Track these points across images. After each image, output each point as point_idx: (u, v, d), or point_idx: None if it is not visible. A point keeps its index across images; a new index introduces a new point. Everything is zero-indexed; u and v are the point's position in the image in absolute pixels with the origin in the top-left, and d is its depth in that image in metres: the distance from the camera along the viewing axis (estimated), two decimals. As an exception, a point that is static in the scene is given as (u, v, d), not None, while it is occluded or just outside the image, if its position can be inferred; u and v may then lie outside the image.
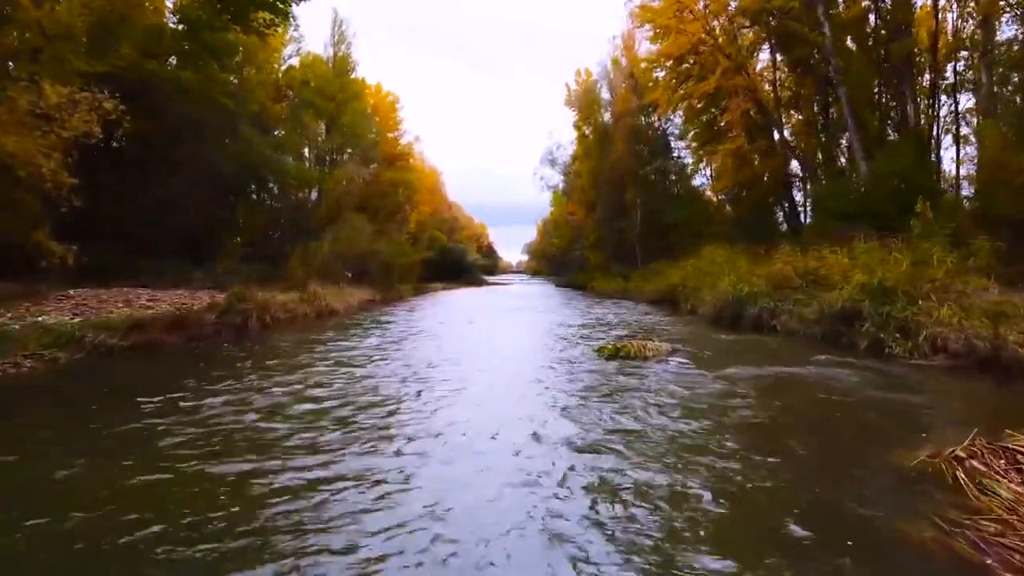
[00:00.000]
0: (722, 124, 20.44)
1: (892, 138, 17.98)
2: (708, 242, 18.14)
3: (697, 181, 28.52)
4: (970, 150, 17.87)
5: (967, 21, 18.01)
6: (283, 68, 26.35)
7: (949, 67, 17.79)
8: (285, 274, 17.18)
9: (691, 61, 19.42)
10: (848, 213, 15.80)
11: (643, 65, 22.13)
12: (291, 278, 16.35)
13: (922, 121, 17.45)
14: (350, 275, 20.83)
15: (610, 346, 7.92)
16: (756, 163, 18.47)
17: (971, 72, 17.97)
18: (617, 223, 30.33)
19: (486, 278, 58.05)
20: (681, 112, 24.42)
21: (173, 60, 15.64)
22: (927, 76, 18.10)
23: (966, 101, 18.40)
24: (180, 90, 13.58)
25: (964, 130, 18.37)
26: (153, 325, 8.27)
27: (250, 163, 18.63)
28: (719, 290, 11.92)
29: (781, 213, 21.78)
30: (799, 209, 21.06)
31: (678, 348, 8.14)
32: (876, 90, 18.54)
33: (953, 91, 18.26)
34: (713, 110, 20.80)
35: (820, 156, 17.84)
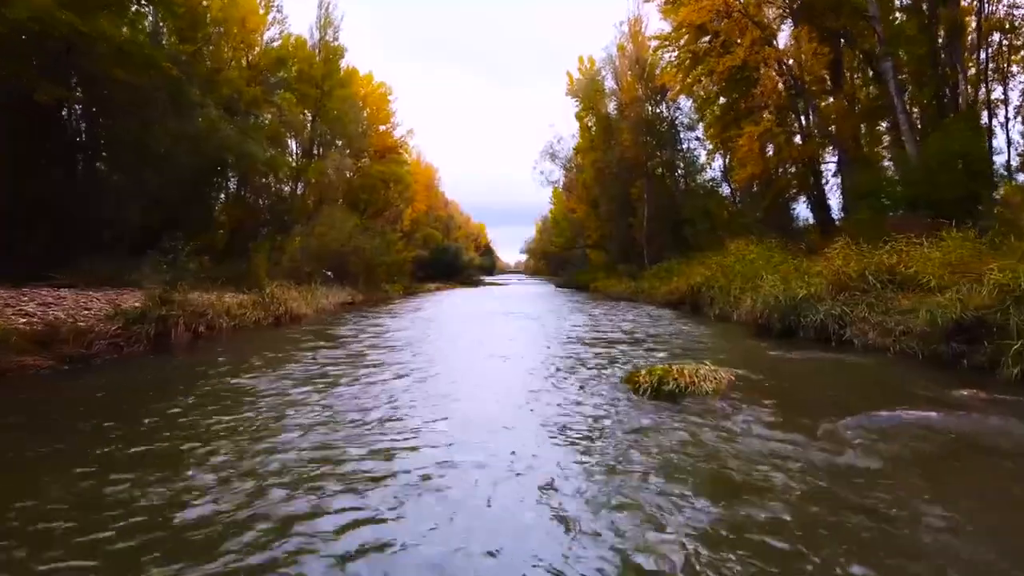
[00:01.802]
0: (745, 106, 18.02)
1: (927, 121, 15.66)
2: (729, 237, 15.70)
3: (707, 175, 26.24)
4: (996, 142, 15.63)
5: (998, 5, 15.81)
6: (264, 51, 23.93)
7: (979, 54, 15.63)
8: (248, 273, 14.70)
9: (710, 36, 17.01)
10: (900, 201, 13.50)
11: (654, 43, 19.65)
12: (252, 277, 13.87)
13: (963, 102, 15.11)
14: (330, 274, 18.37)
15: (646, 373, 5.46)
16: (786, 148, 16.02)
17: (1000, 60, 15.90)
18: (622, 219, 27.92)
19: (483, 278, 55.65)
20: (693, 98, 22.07)
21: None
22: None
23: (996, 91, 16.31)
24: (115, 52, 11.04)
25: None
26: (2, 343, 5.78)
27: (215, 148, 16.15)
28: (765, 292, 9.48)
29: (807, 205, 19.39)
30: (828, 200, 18.67)
31: (738, 374, 5.69)
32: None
33: (984, 79, 16.01)
34: (735, 95, 18.37)
35: (860, 140, 15.38)
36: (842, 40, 16.36)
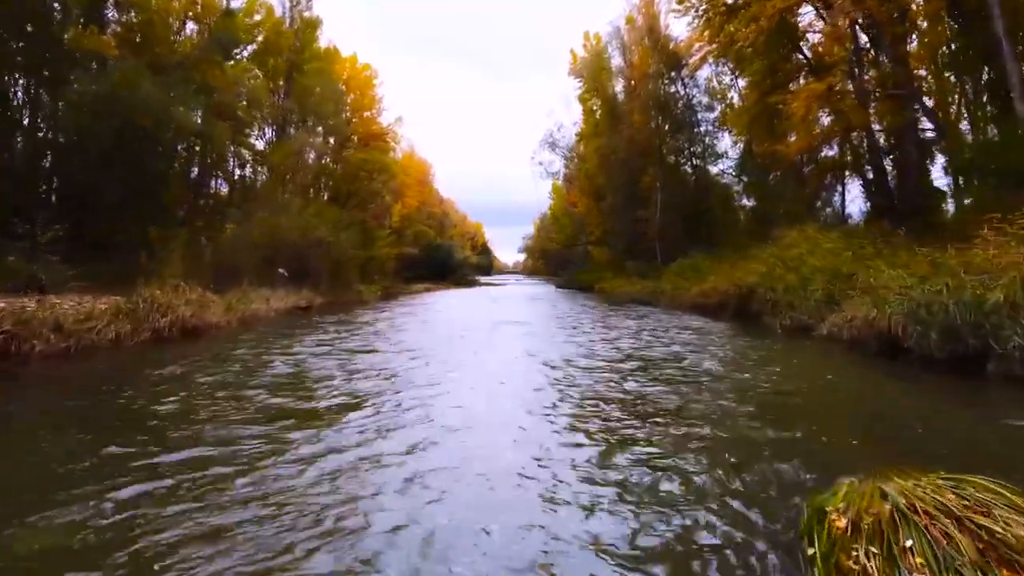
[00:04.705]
0: (788, 68, 14.35)
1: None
2: (787, 225, 12.00)
3: (726, 163, 22.54)
4: None
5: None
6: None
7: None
8: (165, 272, 10.90)
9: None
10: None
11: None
12: (164, 275, 10.06)
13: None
14: (284, 272, 14.60)
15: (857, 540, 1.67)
16: (854, 113, 12.28)
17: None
18: (629, 212, 24.12)
19: (479, 278, 51.84)
20: (720, 65, 18.43)
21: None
22: None
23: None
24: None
25: None
26: None
27: (130, 109, 12.30)
28: (906, 295, 5.74)
29: (862, 189, 15.64)
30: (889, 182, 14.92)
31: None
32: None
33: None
34: (777, 55, 14.70)
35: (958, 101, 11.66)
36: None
